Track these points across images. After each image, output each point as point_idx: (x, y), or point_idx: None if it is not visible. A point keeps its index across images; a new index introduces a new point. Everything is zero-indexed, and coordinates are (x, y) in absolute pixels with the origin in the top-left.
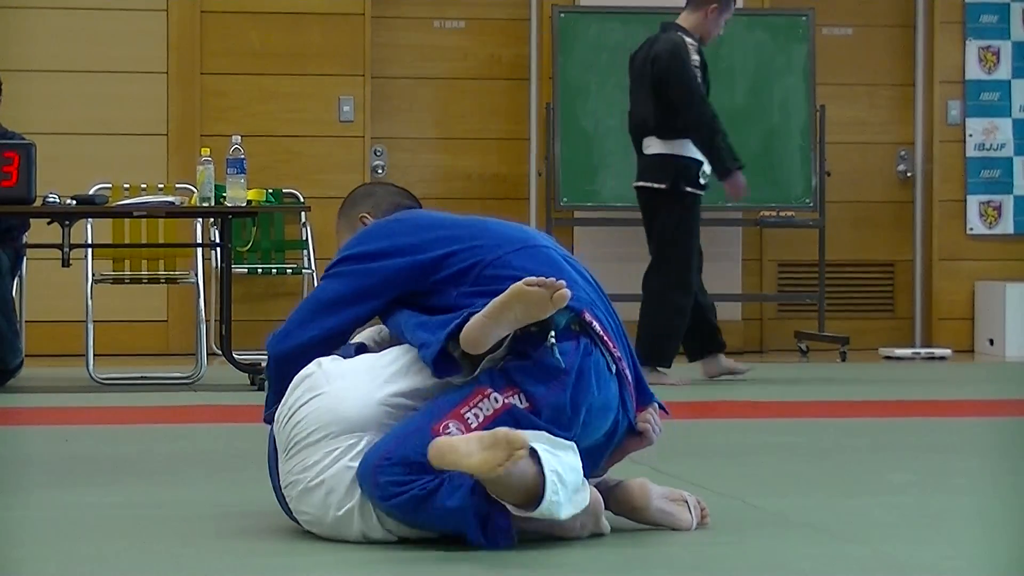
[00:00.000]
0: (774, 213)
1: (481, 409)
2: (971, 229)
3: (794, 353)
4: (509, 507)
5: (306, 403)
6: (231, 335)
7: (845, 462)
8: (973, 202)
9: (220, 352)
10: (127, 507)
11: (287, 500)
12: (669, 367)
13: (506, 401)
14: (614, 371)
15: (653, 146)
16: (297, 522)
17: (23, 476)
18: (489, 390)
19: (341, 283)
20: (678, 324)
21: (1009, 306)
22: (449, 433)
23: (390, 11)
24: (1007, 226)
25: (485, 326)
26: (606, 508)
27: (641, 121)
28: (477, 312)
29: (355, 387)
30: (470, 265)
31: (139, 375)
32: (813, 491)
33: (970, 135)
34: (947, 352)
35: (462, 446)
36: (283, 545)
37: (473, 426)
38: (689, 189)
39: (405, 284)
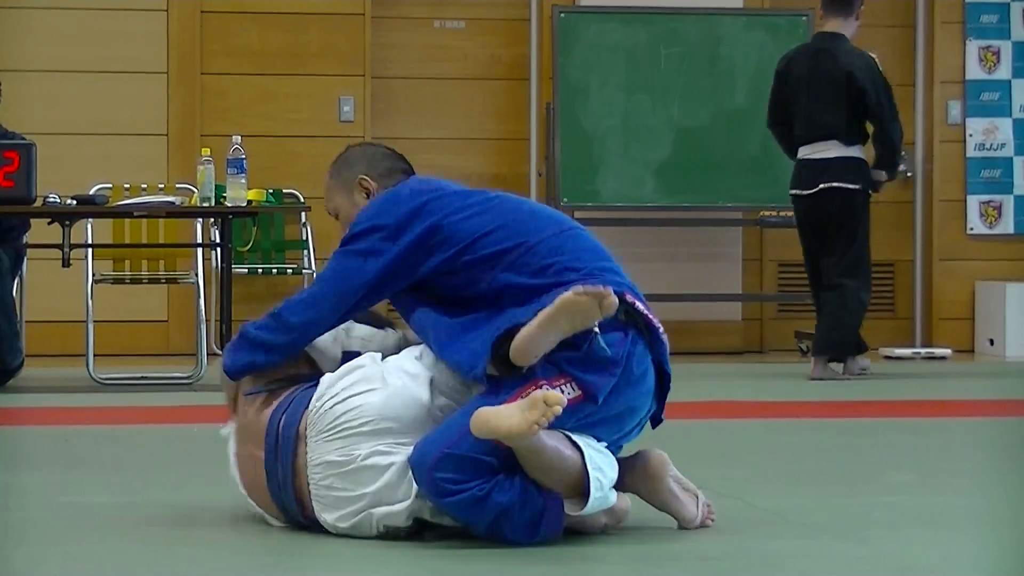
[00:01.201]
0: (774, 213)
1: None
2: (971, 229)
3: (794, 353)
4: (565, 502)
5: (360, 393)
6: (231, 335)
7: (845, 462)
8: (973, 202)
9: (220, 352)
10: (127, 507)
11: (312, 477)
12: (844, 361)
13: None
14: (651, 358)
15: (834, 149)
16: (285, 510)
17: (23, 476)
18: (541, 381)
19: (370, 263)
20: (860, 321)
21: (1009, 306)
22: None
23: (390, 11)
24: (1007, 226)
25: (535, 338)
26: (620, 481)
27: (824, 126)
28: (508, 324)
29: (410, 390)
30: (511, 247)
31: (139, 375)
32: (813, 491)
33: (970, 135)
34: (947, 352)
35: (504, 411)
36: (283, 545)
37: None
38: (870, 192)
39: (437, 266)
